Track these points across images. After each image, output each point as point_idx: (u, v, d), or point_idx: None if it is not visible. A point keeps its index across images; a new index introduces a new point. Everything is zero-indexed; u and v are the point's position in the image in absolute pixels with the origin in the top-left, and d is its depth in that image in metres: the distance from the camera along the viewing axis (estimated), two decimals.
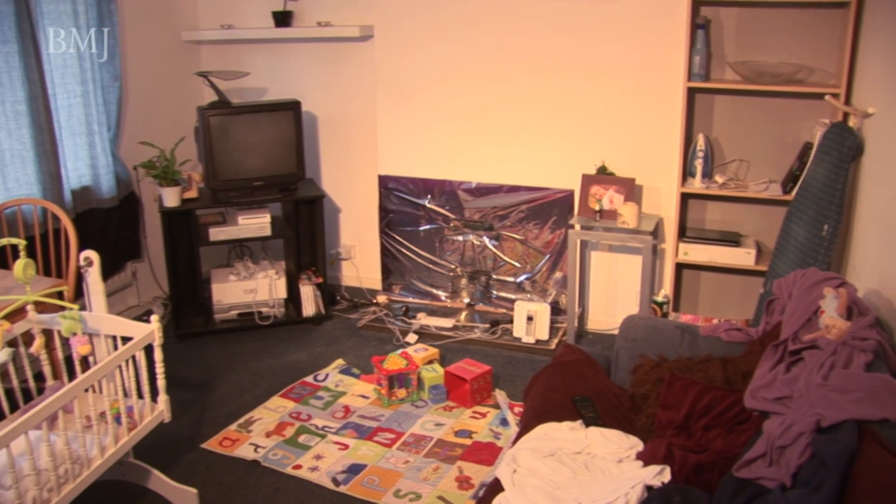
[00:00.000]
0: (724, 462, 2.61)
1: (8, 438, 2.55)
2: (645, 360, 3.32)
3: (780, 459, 2.31)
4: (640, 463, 2.73)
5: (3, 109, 4.39)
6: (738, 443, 2.69)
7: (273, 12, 5.58)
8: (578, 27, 4.76)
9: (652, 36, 4.61)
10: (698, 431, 2.85)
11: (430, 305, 5.54)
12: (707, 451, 2.72)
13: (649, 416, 3.07)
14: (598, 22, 4.70)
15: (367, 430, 4.09)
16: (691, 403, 2.92)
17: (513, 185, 5.16)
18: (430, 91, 5.25)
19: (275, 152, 5.19)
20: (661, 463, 2.66)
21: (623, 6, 4.63)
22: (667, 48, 4.58)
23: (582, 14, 4.73)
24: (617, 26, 4.67)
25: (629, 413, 3.17)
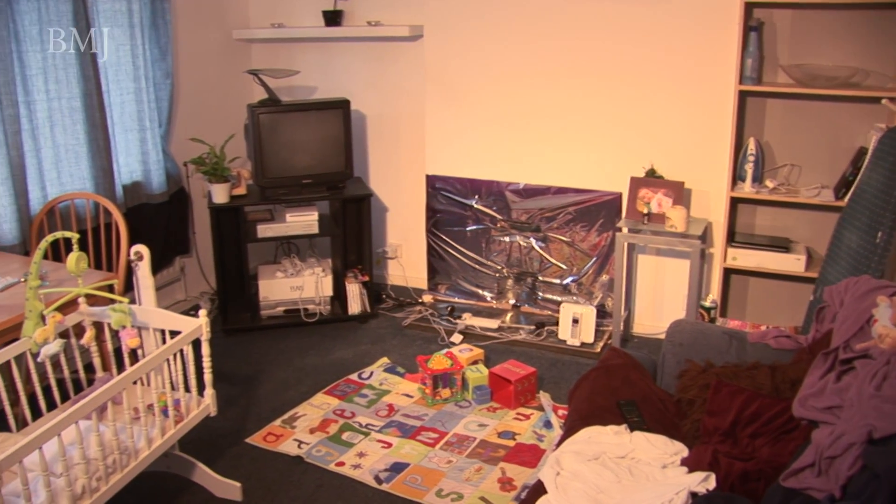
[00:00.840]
0: (771, 471, 2.58)
1: (59, 428, 2.59)
2: (691, 365, 3.29)
3: (829, 470, 2.28)
4: (685, 469, 2.70)
5: (58, 106, 4.46)
6: (786, 452, 2.65)
7: (323, 11, 5.62)
8: (628, 30, 4.72)
9: (703, 38, 4.57)
10: (744, 439, 2.82)
11: (475, 306, 5.53)
12: (753, 459, 2.69)
13: (695, 421, 3.04)
14: (648, 24, 4.67)
15: (410, 428, 4.09)
16: (738, 410, 2.88)
17: (560, 187, 5.14)
18: (479, 91, 5.25)
19: (323, 150, 5.22)
20: (706, 469, 2.63)
21: (674, 9, 4.58)
22: (718, 51, 4.54)
23: (632, 17, 4.69)
24: (667, 29, 4.63)
25: (674, 418, 3.14)
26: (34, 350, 3.05)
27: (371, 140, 5.92)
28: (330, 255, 5.73)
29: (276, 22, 5.92)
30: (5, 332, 3.25)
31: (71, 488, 2.71)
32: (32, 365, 3.28)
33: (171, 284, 5.59)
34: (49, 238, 3.11)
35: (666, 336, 3.50)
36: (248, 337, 5.25)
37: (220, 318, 5.30)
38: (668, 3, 4.59)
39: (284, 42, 5.99)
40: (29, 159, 4.33)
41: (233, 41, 5.92)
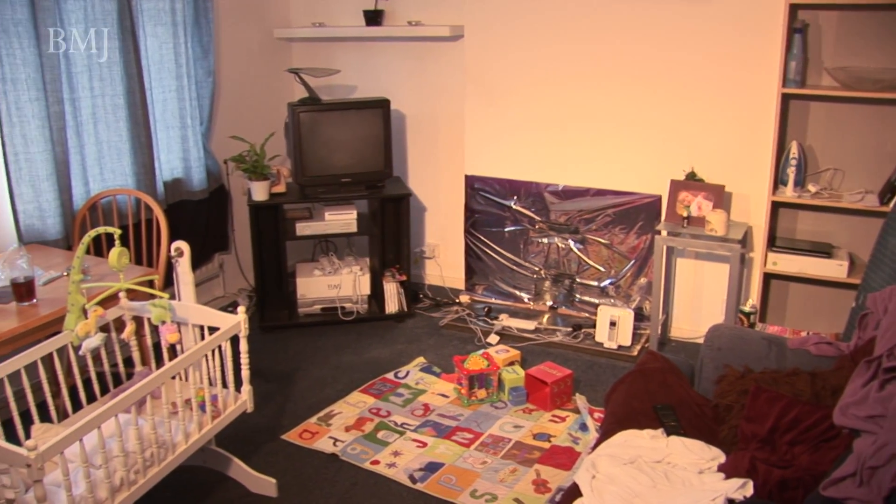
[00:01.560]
0: (811, 479, 2.54)
1: (99, 420, 2.63)
2: (730, 370, 3.25)
3: (871, 480, 2.24)
4: (722, 475, 2.67)
5: (102, 103, 4.51)
6: (826, 460, 2.62)
7: (364, 11, 5.63)
8: (670, 32, 4.69)
9: (744, 41, 4.52)
10: (783, 446, 2.78)
11: (512, 307, 5.52)
12: (792, 466, 2.66)
13: (732, 427, 3.01)
14: (689, 27, 4.63)
15: (445, 428, 4.09)
16: (777, 417, 2.85)
17: (600, 189, 5.11)
18: (519, 92, 5.24)
19: (363, 150, 5.23)
20: (743, 476, 2.60)
21: (716, 11, 4.54)
22: (760, 53, 4.49)
23: (674, 19, 4.66)
24: (709, 32, 4.59)
25: (712, 424, 3.11)
26: (76, 343, 3.09)
27: (410, 140, 5.93)
28: (368, 254, 5.75)
29: (317, 21, 5.95)
30: (48, 325, 3.30)
31: (110, 480, 2.74)
32: (74, 358, 3.32)
33: (210, 281, 5.64)
34: (92, 233, 3.14)
35: (704, 340, 3.47)
36: (285, 334, 5.27)
37: (258, 315, 5.34)
38: (710, 6, 4.55)
39: (325, 41, 6.02)
40: (73, 155, 4.39)
41: (274, 40, 5.95)
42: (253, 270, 5.39)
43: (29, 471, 2.37)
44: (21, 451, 2.36)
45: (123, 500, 2.81)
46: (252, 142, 5.23)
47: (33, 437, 3.07)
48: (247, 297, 5.80)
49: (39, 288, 3.51)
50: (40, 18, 4.04)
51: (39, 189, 4.17)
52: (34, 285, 3.41)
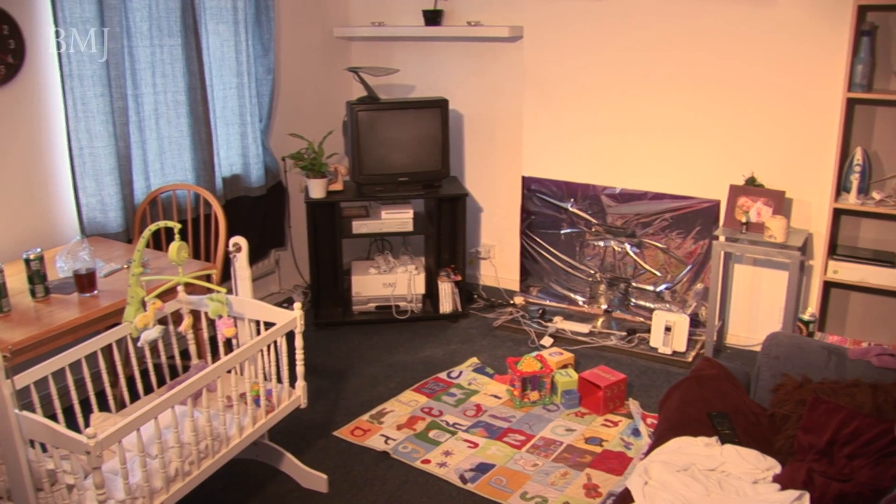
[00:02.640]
0: (871, 495, 2.49)
1: (156, 411, 2.66)
2: (787, 379, 3.20)
3: None
4: (777, 486, 2.63)
5: (164, 99, 4.58)
6: (888, 476, 2.56)
7: (424, 11, 5.64)
8: (731, 37, 4.62)
9: (808, 44, 4.44)
10: (842, 459, 2.72)
11: (566, 309, 5.49)
12: (851, 480, 2.60)
13: (789, 438, 2.96)
14: (752, 31, 4.56)
15: (497, 430, 4.08)
16: (835, 429, 2.79)
17: (657, 193, 5.07)
18: (578, 94, 5.21)
19: (420, 149, 5.24)
20: (799, 488, 2.56)
21: (780, 14, 4.46)
22: (825, 57, 4.40)
23: (735, 23, 4.59)
24: (772, 35, 4.52)
25: (767, 433, 3.06)
26: (134, 335, 3.13)
27: (468, 140, 5.93)
28: (423, 254, 5.76)
29: (377, 20, 5.97)
30: (108, 317, 3.35)
31: (165, 470, 2.78)
32: (132, 349, 3.37)
33: (266, 277, 5.69)
34: (152, 227, 3.18)
35: (762, 348, 3.42)
36: (339, 331, 5.30)
37: (313, 311, 5.37)
38: (775, 10, 4.48)
39: (384, 40, 6.04)
40: (135, 150, 4.46)
41: (333, 39, 5.99)
42: (308, 267, 5.43)
43: (88, 458, 2.41)
44: (81, 439, 2.40)
45: (178, 490, 2.84)
46: (310, 139, 5.27)
47: (92, 425, 3.12)
48: (302, 294, 5.85)
49: (100, 280, 3.57)
50: (107, 16, 4.11)
51: (102, 183, 4.24)
52: (95, 277, 3.47)
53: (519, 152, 5.61)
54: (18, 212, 4.05)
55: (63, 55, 4.00)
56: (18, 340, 3.01)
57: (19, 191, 4.04)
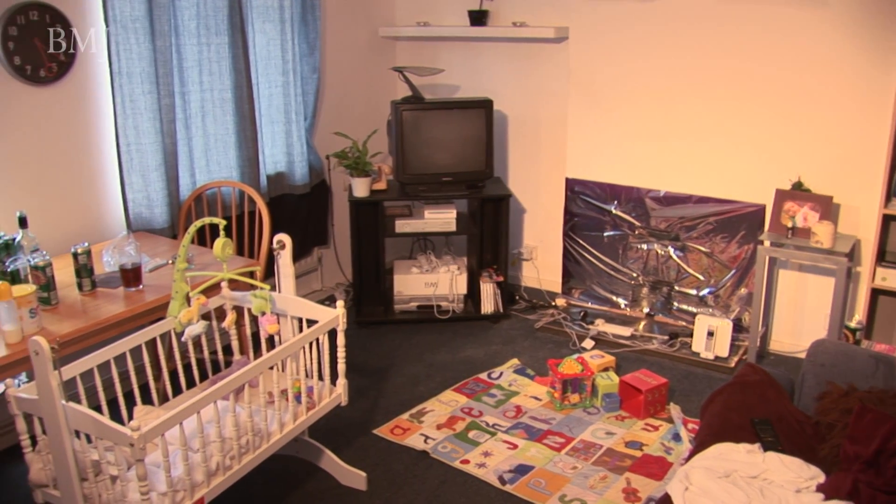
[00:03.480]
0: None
1: (199, 406, 2.68)
2: (833, 387, 3.16)
3: None
4: (821, 496, 2.60)
5: (210, 97, 4.62)
6: None
7: (469, 11, 5.64)
8: (780, 39, 4.56)
9: (860, 44, 4.36)
10: (890, 470, 2.68)
11: (608, 312, 5.46)
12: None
13: (834, 447, 2.91)
14: (800, 31, 4.50)
15: (537, 431, 4.07)
16: (883, 439, 2.74)
17: (702, 196, 5.02)
18: (623, 96, 5.18)
19: (464, 149, 5.24)
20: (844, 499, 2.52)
21: (831, 17, 4.40)
22: (877, 57, 4.33)
23: (784, 26, 4.53)
24: (821, 35, 4.45)
25: (812, 441, 3.02)
26: (178, 330, 3.16)
27: (512, 140, 5.92)
28: (465, 254, 5.76)
29: (422, 20, 5.98)
30: (152, 311, 3.39)
31: (206, 464, 2.80)
32: (176, 343, 3.40)
33: (308, 274, 5.72)
34: (198, 223, 3.21)
35: (807, 355, 3.38)
36: (380, 330, 5.32)
37: (354, 310, 5.39)
38: (825, 10, 4.41)
39: (429, 40, 6.05)
40: (181, 147, 4.50)
41: (379, 38, 6.01)
42: (351, 266, 5.45)
43: (132, 450, 2.44)
44: (125, 431, 2.43)
45: (218, 484, 2.87)
46: (355, 138, 5.29)
47: (136, 418, 3.15)
48: (343, 292, 5.87)
49: (146, 274, 3.61)
50: (156, 15, 4.16)
51: (149, 179, 4.29)
52: (141, 272, 3.51)
53: (563, 154, 5.59)
54: (67, 206, 4.11)
55: (112, 53, 4.05)
56: (66, 333, 3.06)
57: (69, 186, 4.10)
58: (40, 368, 2.50)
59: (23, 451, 2.85)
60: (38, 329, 3.06)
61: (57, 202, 4.06)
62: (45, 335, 2.94)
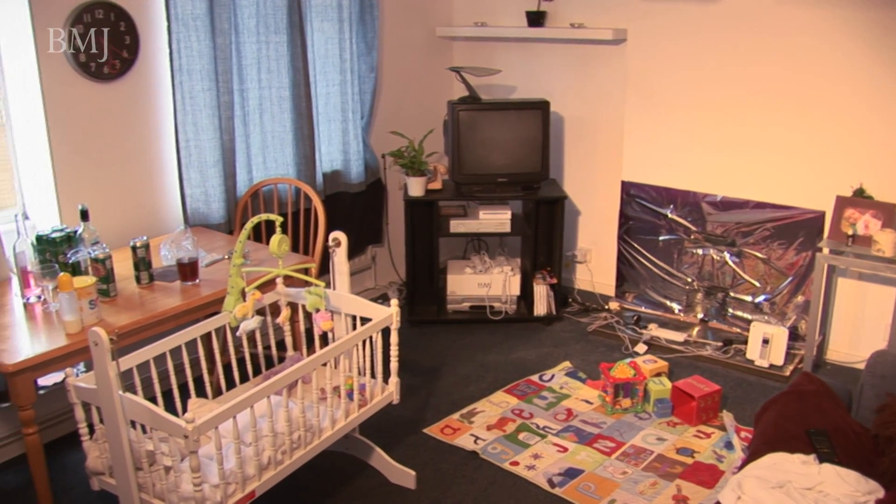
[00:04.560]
0: None
1: (252, 400, 2.71)
2: (893, 399, 3.09)
3: None
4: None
5: (269, 94, 4.66)
6: None
7: (527, 12, 5.62)
8: (842, 42, 4.48)
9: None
10: None
11: (662, 317, 5.42)
12: None
13: (894, 461, 2.86)
14: (860, 34, 4.41)
15: (587, 435, 4.05)
16: None
17: (760, 202, 4.95)
18: (681, 99, 5.12)
19: (520, 150, 5.23)
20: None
21: (890, 14, 4.31)
22: None
23: (846, 28, 4.44)
24: (882, 39, 4.36)
25: (870, 455, 2.95)
26: (233, 324, 3.19)
27: (568, 142, 5.89)
28: (519, 255, 5.74)
29: (479, 21, 5.98)
30: (208, 305, 3.43)
31: (258, 458, 2.83)
32: (230, 338, 3.44)
33: (362, 272, 5.75)
34: (255, 219, 3.24)
35: (866, 366, 3.31)
36: (432, 329, 5.33)
37: (407, 308, 5.41)
38: (883, 12, 4.32)
39: (486, 41, 6.04)
40: (238, 144, 4.55)
41: (436, 38, 6.02)
42: (405, 264, 5.47)
43: (186, 442, 2.47)
44: (180, 423, 2.46)
45: (270, 478, 2.89)
46: (411, 138, 5.30)
47: (190, 410, 3.20)
48: (396, 291, 5.89)
49: (202, 269, 3.65)
50: (216, 13, 4.20)
51: (206, 175, 4.34)
52: (198, 266, 3.55)
53: (619, 156, 5.55)
54: (127, 200, 4.17)
55: (174, 50, 4.11)
56: (123, 325, 3.11)
57: (129, 180, 4.17)
58: (99, 359, 2.54)
59: (81, 438, 2.91)
60: (97, 320, 3.11)
61: (117, 196, 4.13)
62: (104, 326, 2.99)
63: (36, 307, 3.29)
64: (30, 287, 3.33)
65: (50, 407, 3.99)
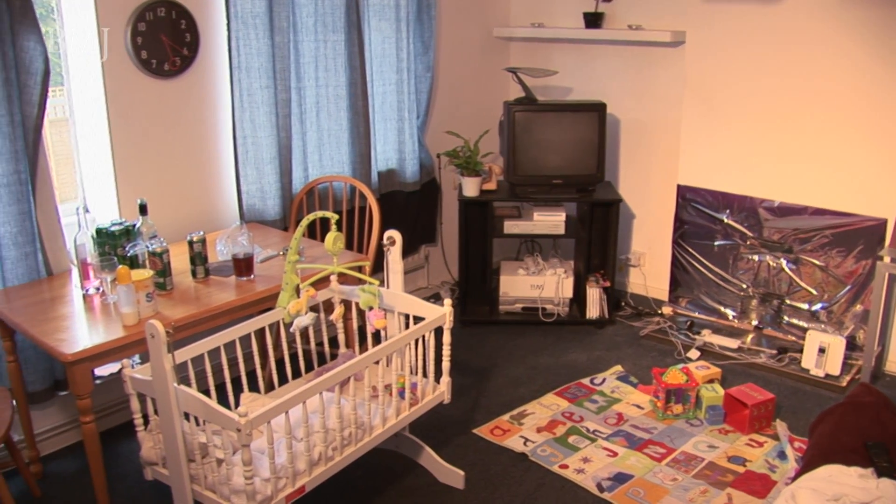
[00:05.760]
0: None
1: (305, 396, 2.73)
2: None
3: None
4: None
5: (325, 93, 4.69)
6: None
7: (584, 13, 5.59)
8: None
9: None
10: None
11: (715, 323, 5.36)
12: None
13: None
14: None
15: (638, 440, 4.02)
16: None
17: (818, 208, 4.88)
18: (740, 103, 5.06)
19: (576, 152, 5.21)
20: None
21: None
22: None
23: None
24: None
25: None
26: (287, 320, 3.22)
27: (623, 145, 5.85)
28: (573, 257, 5.72)
29: (537, 21, 5.96)
30: (262, 301, 3.46)
31: (309, 453, 2.85)
32: (283, 333, 3.46)
33: (415, 271, 5.76)
34: (311, 216, 3.26)
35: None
36: (484, 330, 5.32)
37: (459, 308, 5.40)
38: None
39: (543, 42, 6.02)
40: (295, 141, 4.59)
41: (492, 38, 6.02)
42: (457, 264, 5.47)
43: (239, 435, 2.49)
44: (233, 417, 2.49)
45: (320, 474, 2.91)
46: (466, 138, 5.31)
47: (243, 404, 3.23)
48: (449, 291, 5.89)
49: (257, 265, 3.69)
50: (275, 12, 4.24)
51: (263, 171, 4.38)
52: (253, 262, 3.59)
53: (675, 160, 5.50)
54: (185, 195, 4.23)
55: (233, 48, 4.15)
56: (179, 318, 3.15)
57: (187, 176, 4.22)
58: (155, 351, 2.58)
59: (135, 429, 2.96)
60: (153, 313, 3.16)
61: (175, 191, 4.18)
62: (160, 319, 3.02)
63: (94, 299, 3.35)
64: (89, 279, 3.39)
65: (106, 397, 4.06)
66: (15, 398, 3.46)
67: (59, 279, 3.62)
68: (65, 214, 3.80)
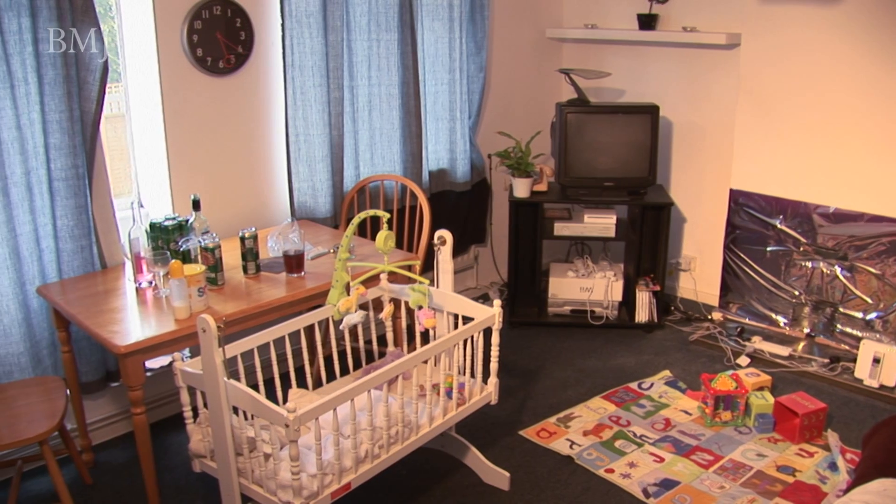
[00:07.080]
0: None
1: (353, 393, 2.74)
2: None
3: None
4: None
5: (378, 92, 4.71)
6: None
7: (638, 14, 5.56)
8: None
9: None
10: None
11: (766, 330, 5.29)
12: None
13: None
14: None
15: (685, 446, 3.98)
16: None
17: (875, 215, 4.79)
18: (795, 106, 4.99)
19: (628, 155, 5.17)
20: None
21: None
22: None
23: None
24: None
25: None
26: (336, 318, 3.23)
27: (675, 148, 5.80)
28: (622, 261, 5.69)
29: (590, 23, 5.93)
30: (312, 298, 3.49)
31: (356, 451, 2.86)
32: (332, 330, 3.48)
33: (464, 271, 5.76)
34: (362, 215, 3.27)
35: None
36: (532, 331, 5.31)
37: (508, 309, 5.40)
38: None
39: (596, 43, 5.99)
40: (347, 140, 4.61)
41: (545, 39, 6.00)
42: (507, 265, 5.46)
43: (287, 430, 2.51)
44: (282, 412, 2.51)
45: (366, 471, 2.93)
46: (517, 139, 5.30)
47: (291, 399, 3.25)
48: (498, 291, 5.89)
49: (307, 262, 3.71)
50: (329, 10, 4.27)
51: (314, 169, 4.41)
52: (303, 259, 3.61)
53: (728, 164, 5.44)
54: (237, 192, 4.27)
55: (287, 46, 4.19)
56: (230, 313, 3.18)
57: (240, 172, 4.26)
58: (206, 345, 2.60)
59: (185, 421, 2.99)
60: (204, 307, 3.19)
61: (228, 187, 4.23)
62: (211, 314, 3.06)
63: (147, 292, 3.40)
64: (142, 272, 3.44)
65: (156, 389, 4.11)
66: (69, 388, 3.52)
67: (113, 272, 3.67)
68: (119, 209, 3.86)
